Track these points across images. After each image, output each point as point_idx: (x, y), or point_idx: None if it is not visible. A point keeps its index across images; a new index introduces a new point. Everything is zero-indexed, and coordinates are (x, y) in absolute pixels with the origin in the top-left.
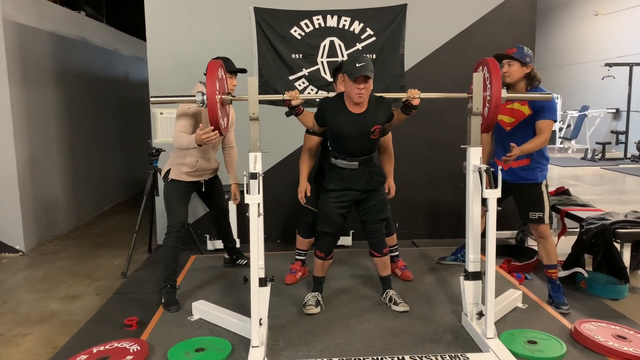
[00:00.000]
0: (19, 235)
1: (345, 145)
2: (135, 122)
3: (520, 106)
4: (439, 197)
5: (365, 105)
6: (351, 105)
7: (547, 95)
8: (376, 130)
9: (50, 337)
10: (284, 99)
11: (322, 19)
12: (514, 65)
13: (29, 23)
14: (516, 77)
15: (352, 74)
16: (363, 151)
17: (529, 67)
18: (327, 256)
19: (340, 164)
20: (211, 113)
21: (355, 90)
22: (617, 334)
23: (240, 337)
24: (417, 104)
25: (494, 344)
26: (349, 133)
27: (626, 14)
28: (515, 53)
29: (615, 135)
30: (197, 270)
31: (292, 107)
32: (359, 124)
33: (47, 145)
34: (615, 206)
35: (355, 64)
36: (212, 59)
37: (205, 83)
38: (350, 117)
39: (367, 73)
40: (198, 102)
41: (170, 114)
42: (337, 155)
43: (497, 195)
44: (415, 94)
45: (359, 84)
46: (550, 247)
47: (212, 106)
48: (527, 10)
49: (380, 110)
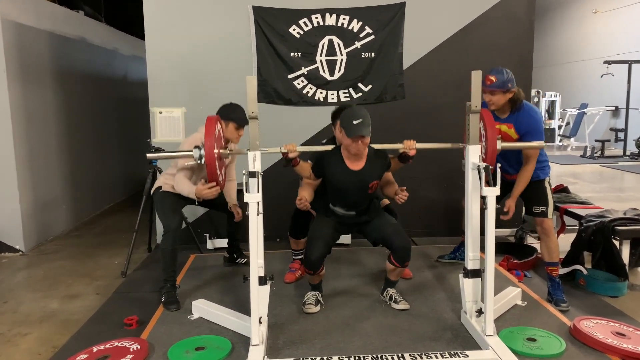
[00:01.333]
0: (19, 235)
1: (343, 199)
2: (134, 122)
3: (508, 129)
4: (438, 195)
5: (363, 160)
6: (349, 160)
7: (540, 144)
8: (374, 185)
9: (50, 337)
10: (280, 152)
11: (320, 17)
12: (496, 94)
13: (28, 22)
14: (500, 104)
15: (349, 133)
16: (361, 203)
17: (512, 92)
18: (315, 272)
19: (338, 212)
20: (210, 170)
21: (352, 146)
22: (616, 331)
23: (240, 336)
24: (413, 154)
25: (494, 341)
26: (347, 188)
27: (625, 12)
28: (495, 83)
29: (614, 133)
30: (197, 269)
31: (289, 159)
32: (357, 181)
33: (47, 145)
34: (614, 204)
35: (352, 120)
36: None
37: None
38: (348, 174)
39: (363, 133)
40: (195, 158)
41: (169, 113)
42: (334, 203)
43: (496, 193)
44: (412, 145)
45: (356, 141)
46: (553, 244)
47: (211, 164)
48: (526, 8)
49: (378, 164)
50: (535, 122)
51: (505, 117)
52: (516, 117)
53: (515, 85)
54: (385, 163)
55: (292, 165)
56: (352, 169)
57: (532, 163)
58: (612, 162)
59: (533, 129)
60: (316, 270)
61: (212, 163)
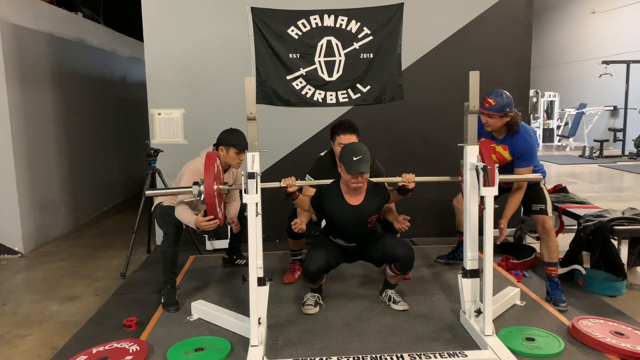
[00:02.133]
0: (18, 237)
1: (342, 232)
2: (133, 123)
3: (503, 150)
4: (436, 195)
5: (362, 194)
6: (348, 195)
7: (537, 177)
8: (373, 220)
9: (49, 338)
10: (280, 186)
11: (319, 18)
12: (493, 117)
13: (26, 24)
14: (497, 127)
15: (349, 170)
16: (360, 236)
17: (509, 115)
18: (313, 282)
19: (338, 242)
20: (209, 207)
21: (352, 182)
22: (615, 331)
23: (239, 337)
24: (412, 187)
25: (492, 341)
26: (346, 223)
27: (623, 12)
28: (494, 107)
29: (612, 133)
30: (196, 270)
31: (289, 194)
32: (356, 215)
33: (45, 147)
34: (613, 203)
35: (352, 157)
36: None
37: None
38: (347, 209)
39: (363, 170)
40: (195, 195)
41: (168, 114)
42: (334, 235)
43: (494, 193)
44: (411, 179)
45: (356, 177)
46: (553, 244)
47: (211, 201)
48: (524, 8)
49: (377, 198)
50: (529, 147)
51: (501, 138)
52: (511, 140)
53: (514, 109)
54: (385, 197)
55: (292, 199)
56: (351, 204)
57: (524, 189)
58: (610, 162)
59: (526, 154)
60: (315, 282)
61: (211, 201)
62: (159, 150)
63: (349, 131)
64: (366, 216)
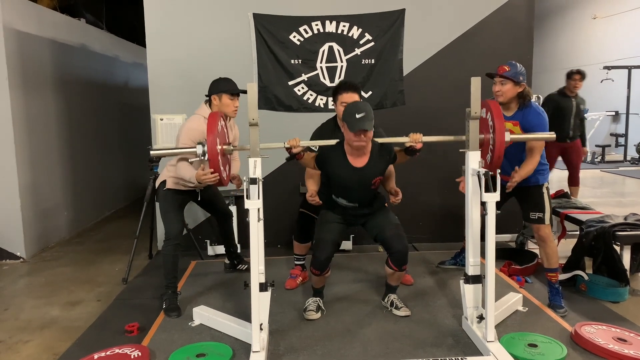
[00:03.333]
0: (20, 242)
1: (345, 194)
2: (136, 128)
3: (513, 127)
4: (438, 200)
5: (367, 155)
6: (352, 157)
7: (550, 136)
8: (377, 181)
9: (51, 344)
10: (285, 147)
11: (320, 24)
12: (506, 85)
13: (30, 30)
14: (509, 97)
15: (352, 127)
16: (363, 197)
17: (522, 85)
18: (322, 273)
19: (341, 203)
20: (213, 165)
21: (354, 140)
22: (618, 337)
23: (241, 342)
24: (420, 148)
25: (495, 347)
26: (349, 185)
27: (624, 17)
28: (508, 72)
29: (614, 138)
30: (198, 275)
31: (293, 154)
32: (360, 177)
33: (48, 152)
34: (615, 209)
35: (355, 114)
36: (215, 81)
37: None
38: (350, 171)
39: (366, 127)
40: (199, 154)
41: (170, 120)
42: (337, 195)
43: (495, 198)
44: (418, 139)
45: (359, 135)
46: (551, 250)
47: (214, 159)
48: (525, 14)
49: (382, 160)
50: (542, 120)
51: (511, 114)
52: (523, 114)
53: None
54: (391, 157)
55: (297, 159)
56: (355, 166)
57: (537, 156)
58: (612, 167)
59: (540, 127)
60: (323, 271)
61: (215, 161)
62: (160, 156)
63: (351, 89)
64: (370, 178)
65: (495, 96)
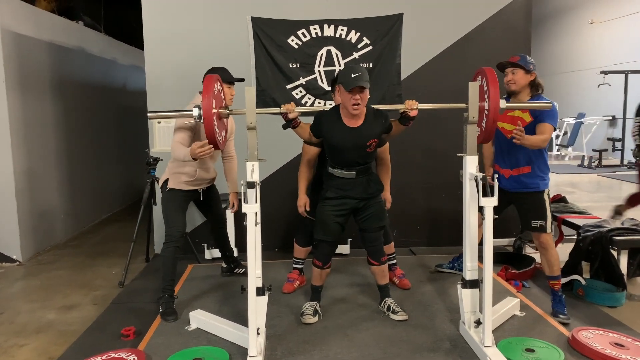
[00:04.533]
0: (16, 245)
1: (342, 157)
2: (133, 131)
3: (522, 114)
4: (436, 205)
5: (362, 119)
6: (347, 118)
7: (547, 104)
8: (372, 143)
9: (47, 348)
10: (280, 112)
11: (319, 28)
12: (518, 73)
13: (27, 33)
14: (521, 85)
15: (348, 85)
16: (359, 162)
17: (533, 74)
18: (324, 265)
19: (338, 173)
20: (208, 128)
21: (351, 101)
22: (615, 342)
23: (237, 347)
24: (414, 115)
25: (492, 352)
26: (345, 146)
27: (621, 22)
28: (519, 61)
29: (611, 143)
30: (195, 279)
31: (289, 120)
32: (355, 138)
33: (45, 154)
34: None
35: (351, 74)
36: (209, 70)
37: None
38: (346, 131)
39: (362, 84)
40: (195, 117)
41: (168, 122)
42: (334, 165)
43: (493, 203)
44: (413, 105)
45: (355, 95)
46: (553, 257)
47: (209, 121)
48: (523, 19)
49: (377, 123)
50: (553, 109)
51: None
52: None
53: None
54: (386, 123)
55: (293, 126)
56: (350, 126)
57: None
58: (609, 171)
59: (548, 112)
60: (326, 264)
61: (210, 121)
62: (158, 159)
63: None
64: (365, 139)
65: (507, 86)
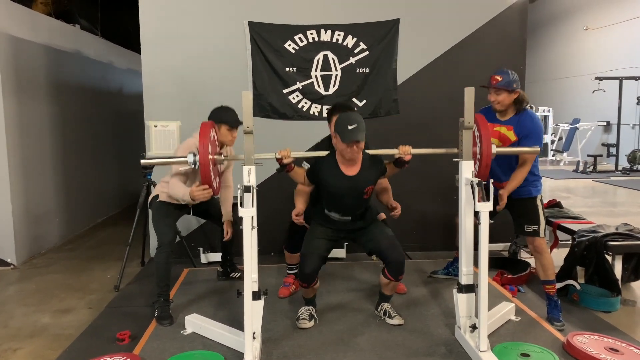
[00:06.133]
0: (11, 248)
1: (338, 204)
2: (129, 135)
3: (507, 131)
4: (432, 209)
5: (358, 165)
6: (344, 165)
7: (535, 150)
8: (369, 190)
9: (41, 352)
10: (275, 157)
11: (315, 33)
12: (501, 94)
13: (24, 36)
14: (506, 104)
15: (344, 138)
16: (356, 208)
17: (517, 92)
18: (309, 285)
19: (333, 217)
20: (204, 176)
21: (347, 151)
22: (610, 347)
23: (233, 351)
24: (409, 160)
25: (487, 357)
26: (342, 194)
27: (616, 29)
28: (501, 82)
29: (606, 148)
30: (190, 283)
31: (284, 165)
32: (352, 186)
33: (40, 158)
34: (607, 218)
35: (347, 125)
36: (216, 108)
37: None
38: (343, 180)
39: (358, 138)
40: (190, 163)
41: (164, 127)
42: (330, 208)
43: (489, 208)
44: (407, 151)
45: (351, 146)
46: (547, 262)
47: (205, 170)
48: (518, 26)
49: (373, 169)
50: (537, 127)
51: (506, 119)
52: (518, 119)
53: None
54: (381, 168)
55: (287, 171)
56: (347, 175)
57: (528, 166)
58: (604, 177)
59: (534, 133)
60: (310, 283)
61: (206, 168)
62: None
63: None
64: (362, 187)
65: (492, 105)
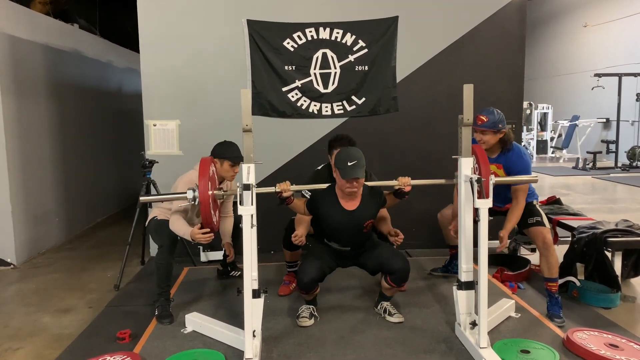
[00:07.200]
0: (11, 248)
1: (338, 237)
2: (129, 134)
3: (497, 169)
4: (431, 207)
5: (358, 199)
6: (344, 200)
7: (533, 178)
8: (369, 224)
9: (41, 352)
10: (275, 191)
11: (314, 31)
12: (487, 134)
13: (22, 35)
14: (491, 144)
15: (344, 175)
16: (356, 240)
17: (502, 132)
18: (308, 292)
19: (334, 246)
20: (204, 214)
21: (346, 186)
22: (610, 343)
23: (233, 349)
24: (408, 191)
25: (488, 353)
26: (341, 227)
27: (615, 25)
28: (486, 123)
29: (605, 145)
30: (190, 282)
31: (283, 198)
32: (352, 221)
33: (40, 157)
34: (606, 215)
35: (347, 162)
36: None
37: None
38: (342, 214)
39: (358, 175)
40: (189, 199)
41: (163, 126)
42: (329, 239)
43: (488, 205)
44: (407, 182)
45: (350, 182)
46: (553, 259)
47: (205, 208)
48: (517, 22)
49: (373, 203)
50: (525, 163)
51: (494, 157)
52: (506, 158)
53: (506, 126)
54: (380, 201)
55: (286, 204)
56: (347, 209)
57: (522, 200)
58: (603, 173)
59: (522, 171)
60: (309, 292)
61: (206, 206)
62: (154, 162)
63: (346, 145)
64: (362, 221)
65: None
